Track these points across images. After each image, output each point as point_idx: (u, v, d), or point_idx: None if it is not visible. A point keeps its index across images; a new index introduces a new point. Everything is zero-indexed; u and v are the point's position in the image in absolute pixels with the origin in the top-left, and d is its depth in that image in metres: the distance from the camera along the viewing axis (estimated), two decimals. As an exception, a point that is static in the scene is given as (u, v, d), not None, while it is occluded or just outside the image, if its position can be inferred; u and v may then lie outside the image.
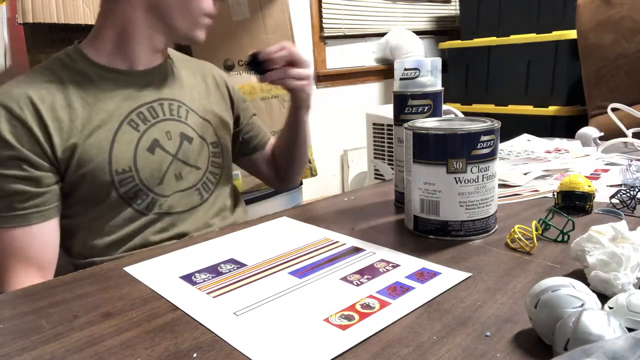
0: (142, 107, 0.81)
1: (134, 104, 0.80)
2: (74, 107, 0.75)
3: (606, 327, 0.33)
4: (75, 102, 0.76)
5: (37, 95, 0.74)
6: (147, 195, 0.79)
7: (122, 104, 0.79)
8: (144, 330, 0.43)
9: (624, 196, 0.69)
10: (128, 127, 0.78)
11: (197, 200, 0.85)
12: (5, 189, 0.71)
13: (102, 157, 0.75)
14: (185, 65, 0.93)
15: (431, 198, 0.60)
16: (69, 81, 0.77)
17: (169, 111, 0.84)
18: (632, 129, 1.06)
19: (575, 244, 0.49)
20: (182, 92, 0.87)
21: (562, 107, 2.29)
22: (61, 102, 0.75)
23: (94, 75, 0.79)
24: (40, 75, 0.77)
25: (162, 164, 0.80)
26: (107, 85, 0.79)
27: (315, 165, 1.91)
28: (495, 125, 0.59)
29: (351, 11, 2.80)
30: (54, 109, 0.74)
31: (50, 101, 0.74)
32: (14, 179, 0.71)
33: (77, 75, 0.79)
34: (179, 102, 0.86)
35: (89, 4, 1.32)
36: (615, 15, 1.82)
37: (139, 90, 0.82)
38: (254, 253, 0.59)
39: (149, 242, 0.79)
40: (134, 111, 0.80)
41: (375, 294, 0.47)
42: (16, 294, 0.52)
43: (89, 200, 0.76)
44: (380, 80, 3.01)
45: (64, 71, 0.79)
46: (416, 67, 0.69)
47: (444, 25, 3.28)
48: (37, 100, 0.73)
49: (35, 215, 0.72)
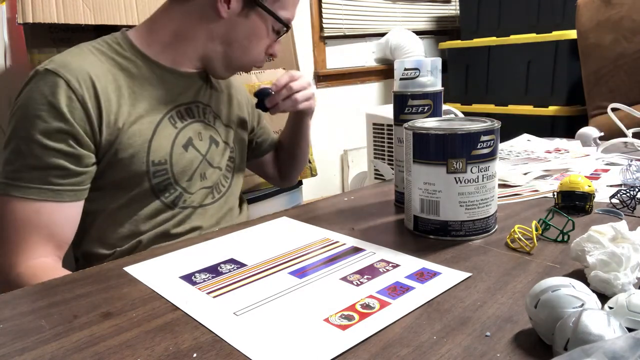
0: (181, 106, 0.84)
1: (175, 102, 0.83)
2: (122, 93, 0.77)
3: (606, 327, 0.33)
4: (123, 87, 0.78)
5: (94, 73, 0.75)
6: (176, 189, 0.81)
7: (165, 98, 0.82)
8: (144, 330, 0.43)
9: (624, 196, 0.69)
10: (168, 122, 0.81)
11: (210, 199, 0.87)
12: (46, 161, 0.70)
13: (142, 145, 0.77)
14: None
15: (431, 198, 0.60)
16: (119, 66, 0.79)
17: (203, 114, 0.87)
18: (632, 129, 1.06)
19: (575, 244, 0.49)
20: (212, 99, 0.91)
21: (562, 107, 2.29)
22: (112, 85, 0.76)
23: (142, 67, 0.81)
24: (93, 55, 0.78)
25: (193, 162, 0.82)
26: (153, 79, 0.81)
27: (315, 165, 1.91)
28: (495, 125, 0.59)
29: (351, 11, 2.80)
30: (106, 90, 0.75)
31: (104, 82, 0.75)
32: (58, 152, 0.71)
33: (127, 62, 0.80)
34: (210, 108, 0.89)
35: (89, 4, 1.32)
36: (615, 15, 1.82)
37: (180, 89, 0.85)
38: (254, 253, 0.59)
39: (169, 234, 0.81)
40: (174, 108, 0.83)
41: (375, 294, 0.47)
42: (16, 294, 0.52)
43: (119, 187, 0.77)
44: (380, 80, 3.00)
45: (115, 56, 0.80)
46: (416, 67, 0.69)
47: (444, 25, 3.28)
48: (95, 79, 0.74)
49: (69, 194, 0.72)
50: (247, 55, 0.86)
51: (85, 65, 0.75)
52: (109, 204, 0.78)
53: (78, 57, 0.76)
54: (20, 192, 0.69)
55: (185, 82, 0.86)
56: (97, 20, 1.26)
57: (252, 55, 0.86)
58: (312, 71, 2.66)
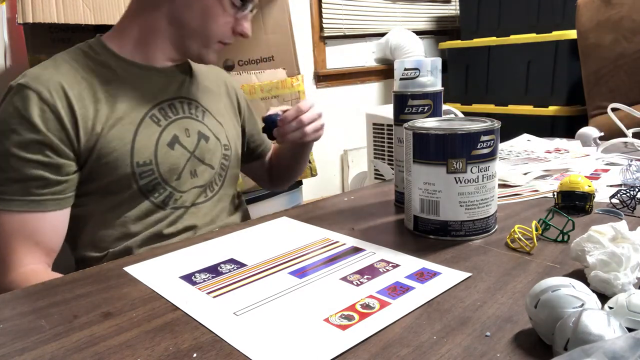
0: (163, 103, 0.83)
1: (155, 99, 0.82)
2: (98, 97, 0.77)
3: (606, 327, 0.33)
4: (99, 92, 0.77)
5: (66, 82, 0.75)
6: (165, 189, 0.80)
7: (145, 97, 0.81)
8: (144, 330, 0.43)
9: (624, 196, 0.69)
10: (150, 121, 0.80)
11: (203, 197, 0.86)
12: (25, 173, 0.71)
13: (124, 148, 0.76)
14: (200, 69, 0.95)
15: (431, 198, 0.60)
16: (93, 72, 0.79)
17: (188, 109, 0.86)
18: (632, 129, 1.06)
19: (575, 244, 0.49)
20: (199, 93, 0.90)
21: (562, 107, 2.29)
22: (87, 91, 0.76)
23: (117, 68, 0.80)
24: (66, 64, 0.78)
25: (180, 160, 0.82)
26: (130, 79, 0.81)
27: (315, 165, 1.91)
28: (495, 125, 0.59)
29: (351, 11, 2.79)
30: (81, 97, 0.75)
31: (77, 89, 0.75)
32: (36, 163, 0.71)
33: (101, 66, 0.80)
34: (196, 102, 0.88)
35: (89, 4, 1.32)
36: (615, 15, 1.82)
37: (160, 86, 0.83)
38: (254, 253, 0.59)
39: (161, 234, 0.80)
40: (156, 106, 0.81)
41: (375, 294, 0.47)
42: (16, 294, 0.52)
43: (107, 191, 0.77)
44: (380, 80, 3.00)
45: (88, 62, 0.80)
46: (416, 67, 0.69)
47: (444, 25, 3.28)
48: (67, 88, 0.74)
49: (51, 203, 0.73)
50: (208, 33, 0.82)
51: (56, 75, 0.75)
52: (99, 207, 0.78)
53: (50, 68, 0.76)
54: (3, 205, 0.70)
55: (164, 78, 0.85)
56: (97, 20, 1.26)
57: (213, 32, 0.82)
58: (312, 71, 2.66)
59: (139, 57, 0.83)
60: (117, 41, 0.83)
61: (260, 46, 1.85)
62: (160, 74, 0.84)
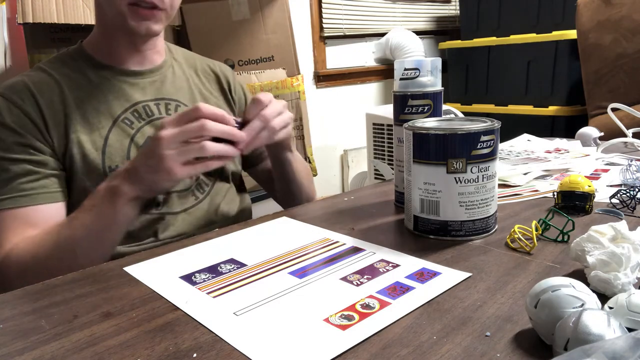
0: (137, 105, 0.82)
1: (128, 102, 0.81)
2: (68, 103, 0.77)
3: (606, 327, 0.33)
4: (69, 98, 0.78)
5: (36, 87, 0.77)
6: None
7: (117, 102, 0.80)
8: (144, 330, 0.43)
9: (624, 196, 0.69)
10: (122, 124, 0.79)
11: (192, 201, 0.83)
12: (14, 170, 0.72)
13: (96, 153, 0.76)
14: (189, 64, 0.93)
15: (431, 198, 0.60)
16: (66, 79, 0.79)
17: (165, 111, 0.84)
18: (632, 129, 1.06)
19: (575, 244, 0.49)
20: (182, 92, 0.88)
21: (562, 107, 2.29)
22: (57, 98, 0.77)
23: (91, 74, 0.81)
24: (41, 72, 0.80)
25: None
26: (103, 83, 0.81)
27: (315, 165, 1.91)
28: (495, 125, 0.59)
29: (351, 11, 2.79)
30: (52, 102, 0.76)
31: (48, 94, 0.77)
32: (22, 161, 0.73)
33: (76, 73, 0.81)
34: (177, 102, 0.86)
35: (89, 4, 1.32)
36: (615, 15, 1.82)
37: (134, 89, 0.83)
38: (254, 253, 0.59)
39: (145, 242, 0.78)
40: (128, 109, 0.81)
41: (375, 294, 0.47)
42: (16, 294, 0.52)
43: (86, 197, 0.75)
44: (380, 80, 3.00)
45: (64, 69, 0.81)
46: (416, 67, 0.69)
47: (444, 25, 3.28)
48: (37, 94, 0.76)
49: (43, 196, 0.73)
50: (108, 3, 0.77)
51: (28, 81, 0.77)
52: None
53: (25, 76, 0.78)
54: None
55: (140, 80, 0.84)
56: (97, 20, 1.26)
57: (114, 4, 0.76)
58: (312, 71, 2.66)
59: (108, 58, 0.82)
60: (92, 45, 0.84)
61: (260, 46, 1.85)
62: (133, 76, 0.83)
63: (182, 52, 0.95)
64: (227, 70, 0.98)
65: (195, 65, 0.94)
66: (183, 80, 0.89)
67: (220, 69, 0.97)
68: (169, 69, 0.88)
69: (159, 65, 0.87)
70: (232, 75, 0.99)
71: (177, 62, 0.91)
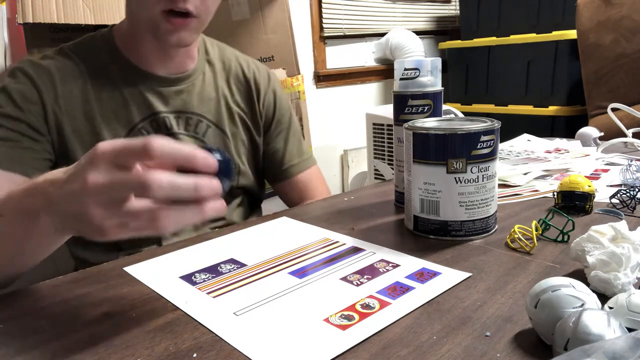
0: (156, 116, 0.78)
1: (148, 111, 0.77)
2: (89, 98, 0.75)
3: (606, 327, 0.33)
4: (90, 93, 0.75)
5: (59, 76, 0.74)
6: None
7: (137, 108, 0.77)
8: (144, 330, 0.43)
9: (624, 196, 0.69)
10: (138, 134, 0.76)
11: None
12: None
13: None
14: (224, 67, 0.87)
15: (431, 198, 0.60)
16: (89, 71, 0.76)
17: (185, 126, 0.80)
18: (632, 129, 1.06)
19: (575, 244, 0.49)
20: (208, 105, 0.83)
21: (562, 107, 2.29)
22: (77, 90, 0.75)
23: (115, 73, 0.77)
24: (66, 59, 0.76)
25: None
26: (126, 87, 0.77)
27: (315, 165, 1.91)
28: (495, 125, 0.59)
29: (351, 11, 2.79)
30: (71, 94, 0.74)
31: (70, 87, 0.74)
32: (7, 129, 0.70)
33: (99, 66, 0.77)
34: (200, 117, 0.81)
35: (89, 3, 1.32)
36: (615, 15, 1.82)
37: (157, 97, 0.78)
38: (254, 253, 0.59)
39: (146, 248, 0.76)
40: (147, 119, 0.77)
41: (375, 294, 0.47)
42: (16, 294, 0.52)
43: None
44: (380, 80, 3.00)
45: (90, 59, 0.77)
46: (416, 67, 0.69)
47: (444, 25, 3.28)
48: (58, 81, 0.74)
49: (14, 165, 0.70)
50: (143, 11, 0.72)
51: (53, 67, 0.75)
52: None
53: (51, 60, 0.76)
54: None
55: (166, 89, 0.78)
56: (97, 20, 1.26)
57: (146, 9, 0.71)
58: (312, 71, 2.66)
59: (136, 57, 0.78)
60: (121, 37, 0.78)
61: (260, 46, 1.85)
62: (158, 83, 0.79)
63: (219, 51, 0.89)
64: (260, 77, 0.91)
65: (229, 69, 0.88)
66: (211, 90, 0.84)
67: (254, 76, 0.90)
68: (199, 77, 0.83)
69: (188, 72, 0.81)
70: (265, 81, 0.91)
71: (211, 66, 0.85)
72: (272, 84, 0.92)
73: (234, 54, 0.91)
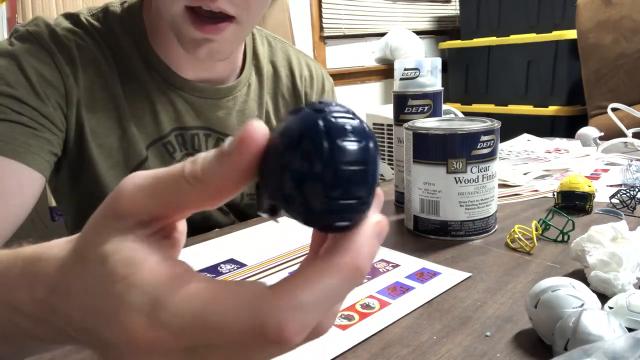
0: (185, 131, 0.66)
1: (177, 123, 0.66)
2: (114, 93, 0.62)
3: (606, 327, 0.33)
4: (115, 86, 0.62)
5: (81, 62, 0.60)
6: None
7: (166, 116, 0.65)
8: (144, 330, 0.43)
9: (624, 196, 0.69)
10: (162, 148, 0.65)
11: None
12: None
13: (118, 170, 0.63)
14: (274, 77, 0.75)
15: (431, 198, 0.60)
16: (115, 59, 0.63)
17: (206, 145, 0.69)
18: (632, 129, 1.06)
19: (575, 244, 0.49)
20: (241, 123, 0.70)
21: (562, 107, 2.29)
22: (102, 81, 0.61)
23: (138, 64, 0.63)
24: (87, 35, 0.61)
25: None
26: (154, 86, 0.64)
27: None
28: (495, 125, 0.59)
29: (351, 11, 2.79)
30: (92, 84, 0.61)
31: (90, 75, 0.61)
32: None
33: (124, 56, 0.63)
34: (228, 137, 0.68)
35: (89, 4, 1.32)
36: (615, 15, 1.82)
37: (189, 107, 0.66)
38: (254, 253, 0.59)
39: None
40: (174, 131, 0.66)
41: (375, 294, 0.47)
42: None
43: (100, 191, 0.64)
44: (380, 80, 3.00)
45: (112, 40, 0.63)
46: (416, 67, 0.69)
47: (444, 25, 3.28)
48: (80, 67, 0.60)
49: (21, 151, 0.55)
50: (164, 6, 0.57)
51: (75, 49, 0.60)
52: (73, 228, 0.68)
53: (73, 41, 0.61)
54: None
55: (200, 99, 0.66)
56: (97, 20, 1.26)
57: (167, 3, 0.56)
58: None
59: (164, 51, 0.64)
60: (151, 24, 0.63)
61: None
62: (191, 92, 0.66)
63: (269, 51, 0.75)
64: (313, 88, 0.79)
65: (279, 77, 0.75)
66: (255, 107, 0.71)
67: (305, 87, 0.78)
68: (243, 89, 0.70)
69: (231, 84, 0.68)
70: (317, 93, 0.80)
71: (258, 75, 0.72)
72: (326, 90, 0.81)
73: (286, 54, 0.78)
